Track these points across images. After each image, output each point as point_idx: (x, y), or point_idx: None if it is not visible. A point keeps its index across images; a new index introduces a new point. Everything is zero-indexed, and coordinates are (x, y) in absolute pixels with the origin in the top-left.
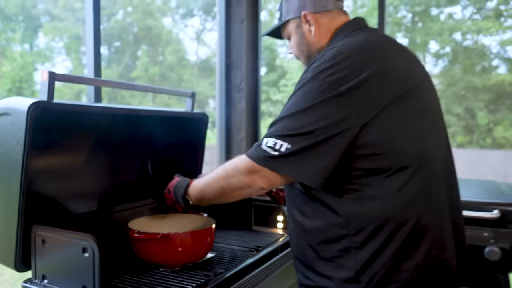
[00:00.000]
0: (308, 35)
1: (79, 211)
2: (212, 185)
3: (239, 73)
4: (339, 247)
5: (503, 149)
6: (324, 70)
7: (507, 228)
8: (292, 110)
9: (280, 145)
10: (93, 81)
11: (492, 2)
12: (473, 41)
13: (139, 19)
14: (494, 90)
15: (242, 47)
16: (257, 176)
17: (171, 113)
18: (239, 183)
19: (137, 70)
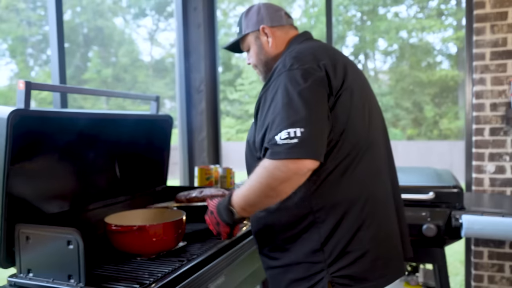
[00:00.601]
0: (266, 46)
1: (52, 211)
2: (255, 186)
3: (198, 76)
4: (304, 224)
5: (448, 139)
6: (295, 63)
7: (441, 207)
8: (285, 101)
9: (294, 132)
10: (68, 89)
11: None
12: (418, 38)
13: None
14: (438, 85)
15: (200, 51)
16: (296, 166)
17: (138, 116)
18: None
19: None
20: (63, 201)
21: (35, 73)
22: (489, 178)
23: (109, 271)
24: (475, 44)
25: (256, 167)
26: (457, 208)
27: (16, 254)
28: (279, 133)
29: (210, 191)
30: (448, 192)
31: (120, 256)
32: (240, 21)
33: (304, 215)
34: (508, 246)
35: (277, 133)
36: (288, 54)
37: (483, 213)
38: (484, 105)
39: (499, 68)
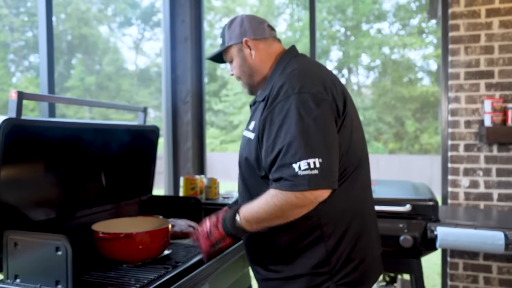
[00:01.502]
0: (249, 58)
1: (38, 218)
2: (268, 207)
3: (184, 87)
4: (311, 238)
5: (429, 154)
6: (303, 86)
7: (417, 219)
8: (300, 127)
9: (313, 163)
10: (58, 99)
11: (415, 19)
12: (400, 54)
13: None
14: (419, 100)
15: (187, 63)
16: (314, 196)
17: (125, 126)
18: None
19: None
20: (50, 208)
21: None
22: (463, 192)
23: (96, 278)
24: (451, 64)
25: (261, 185)
26: (433, 220)
27: (4, 260)
28: (298, 163)
29: (181, 227)
30: (424, 205)
31: (106, 263)
32: (223, 33)
33: (312, 229)
34: (481, 257)
35: (295, 162)
36: (291, 75)
37: (457, 225)
38: (459, 122)
39: (472, 88)
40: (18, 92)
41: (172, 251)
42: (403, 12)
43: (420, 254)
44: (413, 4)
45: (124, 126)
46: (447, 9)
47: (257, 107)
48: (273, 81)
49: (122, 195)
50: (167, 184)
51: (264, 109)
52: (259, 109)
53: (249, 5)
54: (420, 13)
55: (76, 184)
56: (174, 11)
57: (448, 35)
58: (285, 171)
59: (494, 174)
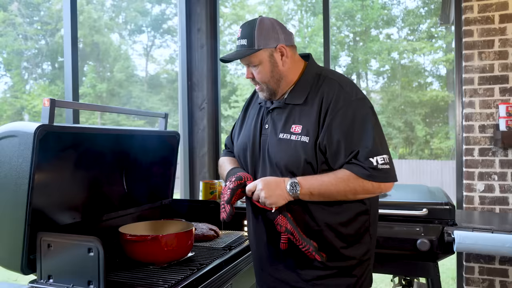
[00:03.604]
0: (280, 64)
1: (65, 222)
2: (340, 184)
3: (200, 94)
4: (363, 228)
5: (439, 159)
6: (358, 93)
7: (434, 223)
8: (372, 128)
9: (388, 158)
10: (87, 106)
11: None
12: (409, 59)
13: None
14: (429, 105)
15: (203, 70)
16: (386, 187)
17: (147, 132)
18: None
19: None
20: (76, 212)
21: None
22: (478, 196)
23: (125, 278)
24: (464, 70)
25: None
26: (449, 224)
27: (38, 261)
28: (376, 157)
29: (202, 230)
30: (441, 208)
31: (133, 265)
32: (251, 34)
33: (363, 222)
34: (498, 262)
35: (372, 156)
36: (342, 83)
37: (473, 229)
38: (473, 127)
39: (487, 93)
40: (51, 99)
41: (195, 253)
42: (412, 17)
43: (436, 257)
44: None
45: (147, 132)
46: (460, 15)
47: (291, 110)
48: (311, 87)
49: (144, 199)
50: (183, 188)
51: (316, 113)
52: (303, 113)
53: (258, 12)
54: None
55: (101, 188)
56: (190, 20)
57: (461, 41)
58: (364, 162)
59: (510, 178)
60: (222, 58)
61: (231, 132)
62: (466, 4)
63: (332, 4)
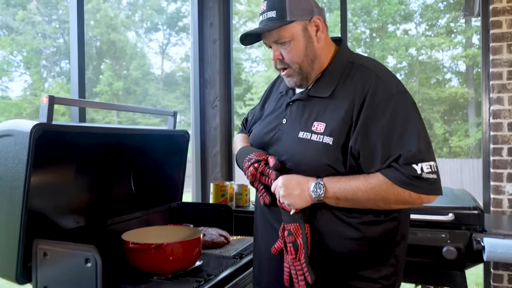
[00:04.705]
0: (315, 40)
1: (69, 226)
2: (370, 191)
3: (213, 91)
4: (385, 248)
5: (458, 158)
6: (400, 86)
7: (461, 229)
8: (417, 128)
9: (434, 167)
10: (88, 103)
11: (442, 19)
12: (427, 55)
13: (103, 33)
14: (448, 102)
15: (215, 66)
16: (428, 200)
17: (155, 131)
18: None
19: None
20: (80, 216)
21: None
22: (508, 199)
23: None
24: (492, 64)
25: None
26: (478, 231)
27: (33, 270)
28: (420, 164)
29: (211, 236)
30: (468, 213)
31: (136, 275)
32: (281, 4)
33: (388, 240)
34: None
35: (416, 163)
36: (379, 72)
37: (505, 236)
38: (502, 124)
39: None
40: (50, 96)
41: (203, 262)
42: (430, 12)
43: (464, 266)
44: (441, 3)
45: (154, 131)
46: (487, 6)
47: (315, 104)
48: (341, 77)
49: (151, 201)
50: (194, 190)
51: (345, 109)
52: (329, 108)
53: None
54: (449, 12)
55: (106, 190)
56: (202, 14)
57: (489, 33)
58: (405, 168)
59: None
60: (245, 33)
61: (247, 117)
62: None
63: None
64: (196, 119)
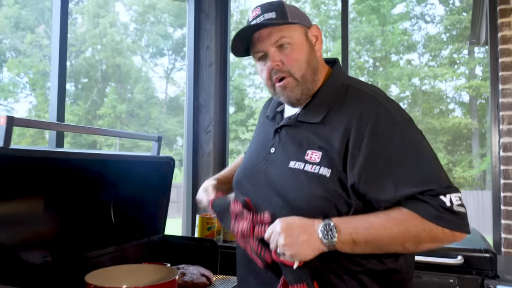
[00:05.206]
0: (316, 51)
1: (33, 261)
2: (396, 229)
3: (207, 116)
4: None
5: (462, 189)
6: (403, 113)
7: (471, 274)
8: (429, 154)
9: (462, 199)
10: (53, 125)
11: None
12: (430, 85)
13: (108, 57)
14: (451, 132)
15: (210, 90)
16: (461, 238)
17: (136, 157)
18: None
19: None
20: (46, 250)
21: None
22: None
23: None
24: (502, 93)
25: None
26: (490, 276)
27: None
28: (449, 195)
29: (192, 276)
30: (480, 256)
31: None
32: (281, 6)
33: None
34: None
35: (443, 194)
36: (381, 99)
37: None
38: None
39: None
40: (8, 117)
41: None
42: (433, 43)
43: None
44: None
45: (135, 157)
46: (496, 33)
47: (306, 131)
48: (335, 101)
49: (132, 234)
50: (185, 219)
51: (341, 138)
52: (322, 136)
53: None
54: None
55: (81, 222)
56: (198, 37)
57: (498, 62)
58: (432, 200)
59: None
60: (241, 30)
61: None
62: (503, 21)
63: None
64: (188, 145)
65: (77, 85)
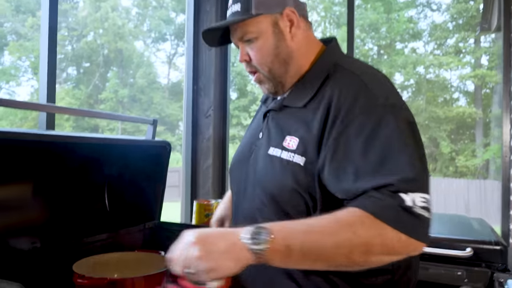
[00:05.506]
0: (288, 37)
1: (21, 247)
2: (340, 236)
3: (207, 100)
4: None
5: (465, 178)
6: (395, 99)
7: (481, 267)
8: (403, 144)
9: (430, 201)
10: (39, 106)
11: (451, 39)
12: (434, 74)
13: (110, 41)
14: (455, 121)
15: (210, 74)
16: (412, 250)
17: (130, 141)
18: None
19: (106, 92)
20: (35, 237)
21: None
22: None
23: None
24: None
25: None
26: (500, 270)
27: None
28: (412, 194)
29: None
30: (489, 249)
31: None
32: None
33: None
34: None
35: (405, 191)
36: (368, 79)
37: None
38: None
39: None
40: None
41: None
42: (439, 32)
43: None
44: (450, 23)
45: (129, 141)
46: (509, 19)
47: (290, 115)
48: (322, 82)
49: (127, 221)
50: (184, 205)
51: (319, 123)
52: (303, 121)
53: None
54: (458, 32)
55: (69, 208)
56: (198, 19)
57: (511, 48)
58: (391, 197)
59: None
60: (206, 29)
61: None
62: None
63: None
64: (188, 130)
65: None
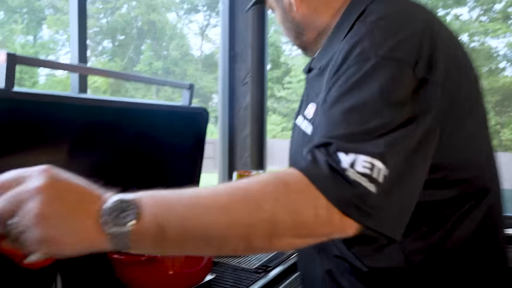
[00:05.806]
0: (294, 9)
1: None
2: (229, 201)
3: (243, 66)
4: None
5: (510, 151)
6: (403, 49)
7: None
8: (365, 91)
9: (378, 171)
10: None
11: (500, 4)
12: (479, 42)
13: (143, 13)
14: (501, 92)
15: (247, 38)
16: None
17: (165, 107)
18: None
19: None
20: None
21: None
22: None
23: None
24: None
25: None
26: None
27: None
28: (355, 154)
29: None
30: None
31: None
32: None
33: None
34: None
35: (344, 150)
36: (376, 25)
37: None
38: None
39: None
40: (8, 54)
41: (215, 276)
42: None
43: None
44: None
45: (163, 107)
46: None
47: (314, 80)
48: (342, 39)
49: None
50: (221, 177)
51: (324, 85)
52: (321, 83)
53: None
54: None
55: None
56: None
57: None
58: (326, 156)
59: None
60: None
61: None
62: None
63: None
64: (224, 98)
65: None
